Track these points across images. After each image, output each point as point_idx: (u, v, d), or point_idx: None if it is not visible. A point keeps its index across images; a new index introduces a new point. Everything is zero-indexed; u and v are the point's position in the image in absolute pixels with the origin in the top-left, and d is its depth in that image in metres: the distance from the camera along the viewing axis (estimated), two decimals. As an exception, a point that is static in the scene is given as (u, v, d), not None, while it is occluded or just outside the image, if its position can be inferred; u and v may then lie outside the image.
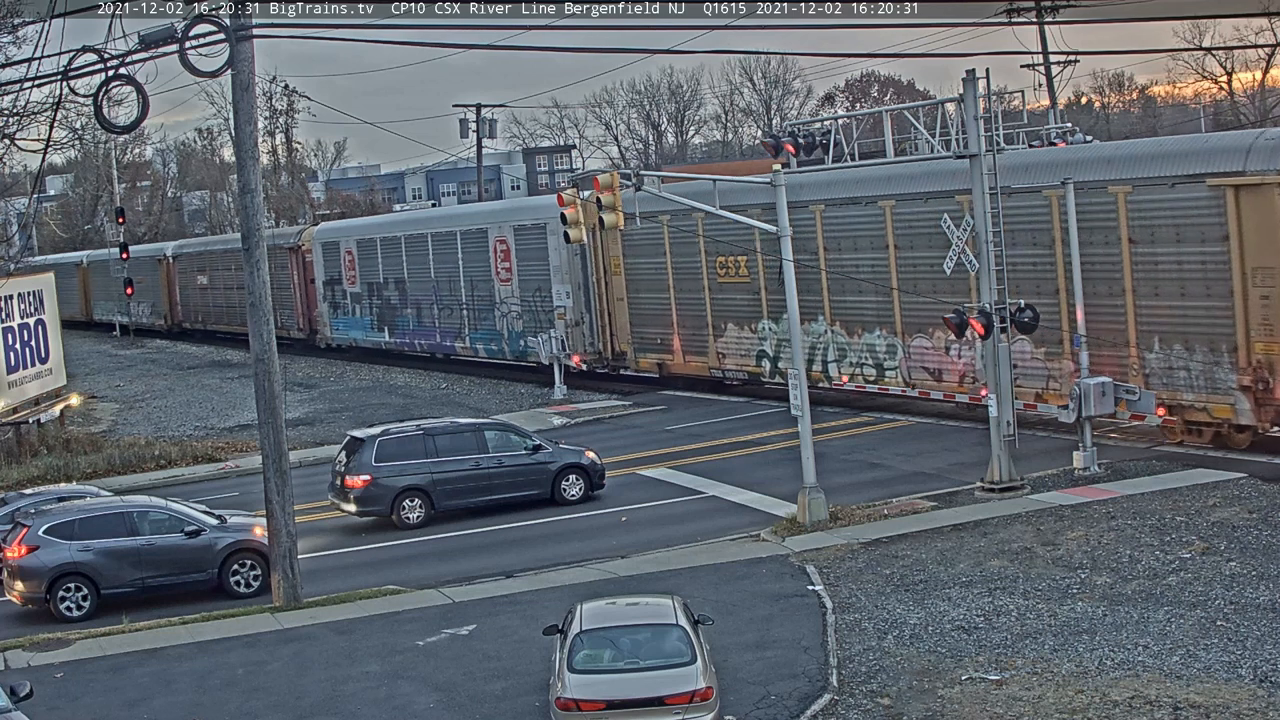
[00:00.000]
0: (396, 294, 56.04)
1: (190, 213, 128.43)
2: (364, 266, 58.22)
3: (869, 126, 30.61)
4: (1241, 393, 27.05)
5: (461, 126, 77.16)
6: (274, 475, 23.76)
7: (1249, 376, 26.87)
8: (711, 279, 40.35)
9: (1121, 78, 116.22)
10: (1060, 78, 61.74)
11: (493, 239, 49.14)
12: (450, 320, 52.71)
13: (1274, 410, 26.72)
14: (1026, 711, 16.31)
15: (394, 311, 56.35)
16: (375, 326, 57.82)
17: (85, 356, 73.96)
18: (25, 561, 24.40)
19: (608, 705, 15.73)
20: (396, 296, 56.10)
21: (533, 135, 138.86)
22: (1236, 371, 27.10)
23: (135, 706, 19.13)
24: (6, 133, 37.82)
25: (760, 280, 38.28)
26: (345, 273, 59.54)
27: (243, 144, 23.82)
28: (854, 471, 30.39)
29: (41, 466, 38.03)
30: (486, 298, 50.16)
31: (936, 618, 19.87)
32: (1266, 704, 15.89)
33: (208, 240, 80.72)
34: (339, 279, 60.01)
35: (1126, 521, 23.72)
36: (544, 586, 23.30)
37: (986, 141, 26.58)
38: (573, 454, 30.44)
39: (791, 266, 26.45)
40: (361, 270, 58.37)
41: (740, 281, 39.16)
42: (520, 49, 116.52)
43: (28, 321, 44.19)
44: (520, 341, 48.25)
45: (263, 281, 23.82)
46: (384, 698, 18.66)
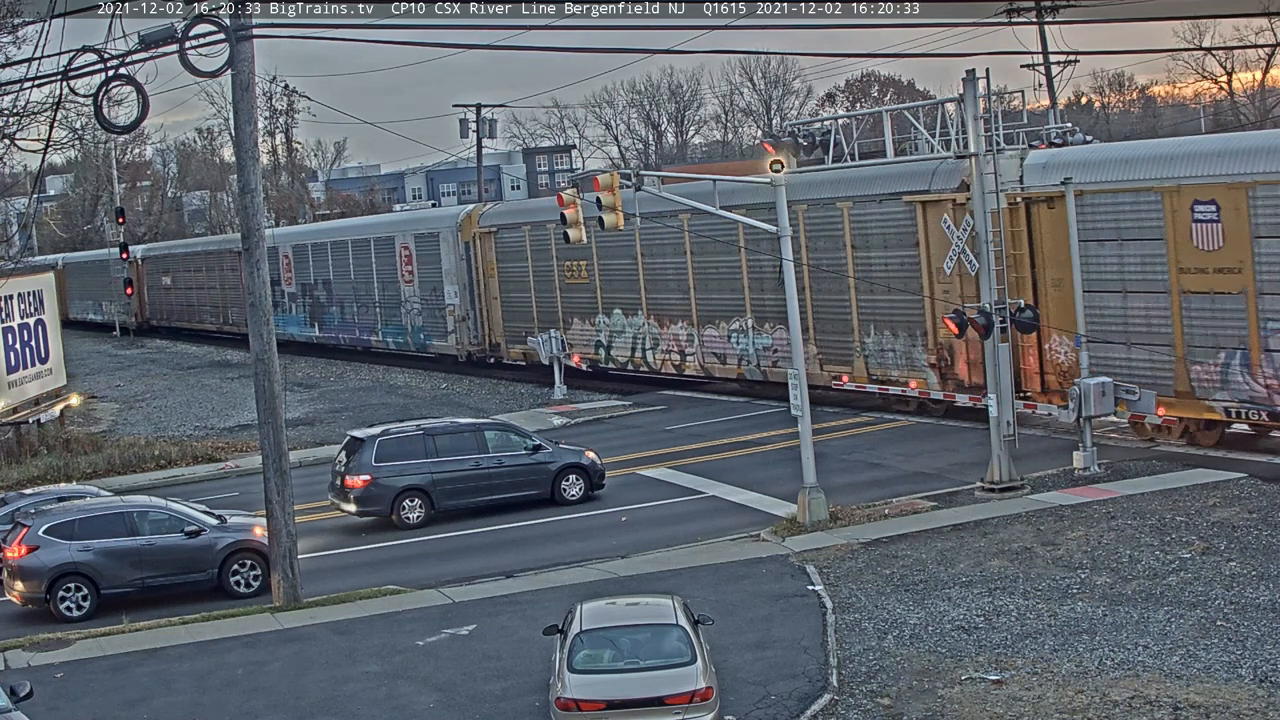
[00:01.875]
0: (325, 294, 62.86)
1: (190, 213, 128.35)
2: (299, 269, 64.89)
3: (869, 126, 30.67)
4: (931, 369, 33.45)
5: (461, 126, 77.18)
6: (274, 475, 23.76)
7: (935, 356, 33.36)
8: (561, 280, 47.08)
9: (1121, 78, 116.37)
10: (1060, 78, 61.71)
11: (399, 246, 55.52)
12: (367, 317, 59.48)
13: (955, 383, 33.06)
14: (1026, 711, 16.31)
15: (322, 309, 63.30)
16: (308, 323, 64.88)
17: (85, 356, 73.98)
18: (25, 561, 24.40)
19: (608, 705, 15.73)
20: (325, 296, 62.92)
21: (533, 135, 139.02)
22: (927, 352, 33.51)
23: (135, 706, 19.13)
24: (6, 133, 37.79)
25: (596, 281, 45.37)
26: (283, 275, 65.66)
27: (243, 144, 23.81)
28: (854, 471, 30.39)
29: (41, 466, 38.03)
30: (394, 297, 56.87)
31: (936, 618, 19.87)
32: (1266, 704, 15.90)
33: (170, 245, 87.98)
34: (278, 280, 65.66)
35: (1126, 521, 23.72)
36: (544, 586, 23.30)
37: (986, 141, 26.60)
38: (573, 454, 30.44)
39: (791, 267, 26.48)
40: (297, 273, 65.10)
41: (581, 283, 46.11)
42: (520, 49, 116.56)
43: (27, 321, 44.20)
44: (420, 335, 54.61)
45: (263, 281, 23.79)
46: (384, 698, 18.66)
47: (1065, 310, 29.34)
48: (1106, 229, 28.90)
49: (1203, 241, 27.08)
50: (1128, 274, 28.70)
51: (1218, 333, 27.11)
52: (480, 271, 51.05)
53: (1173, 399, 28.01)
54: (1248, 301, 26.36)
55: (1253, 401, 26.62)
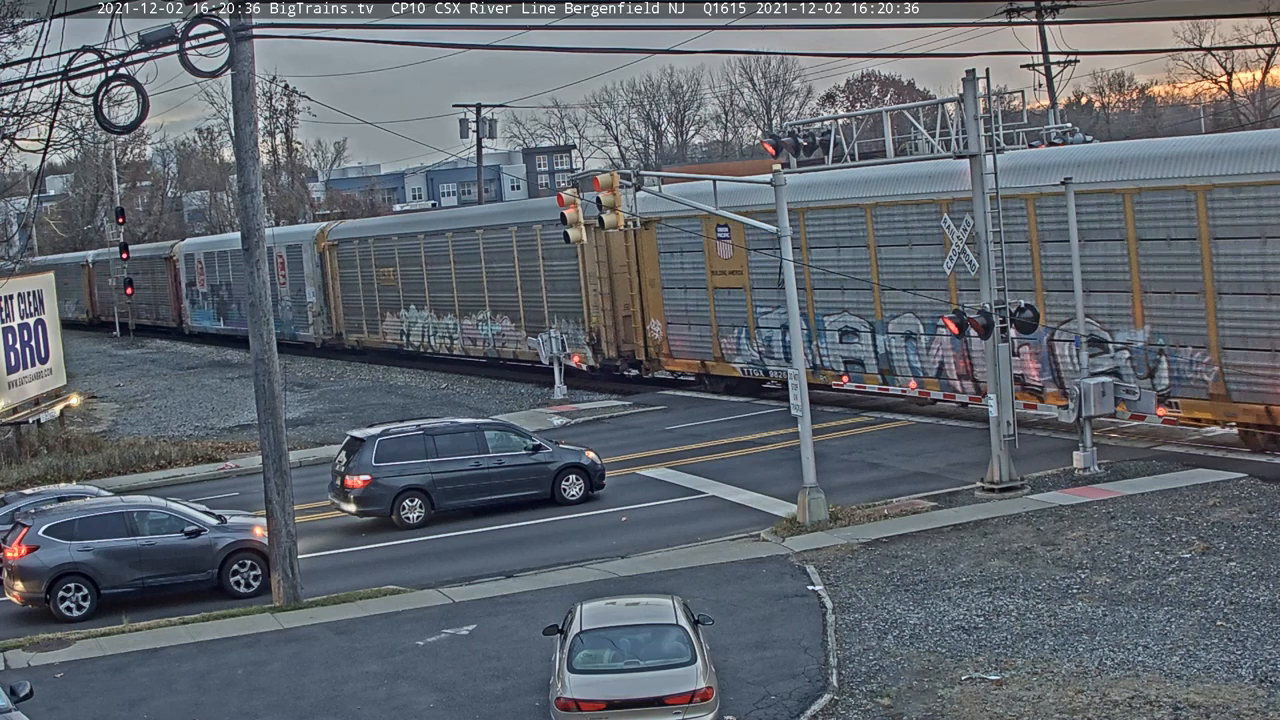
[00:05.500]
0: (227, 293, 74.93)
1: (190, 213, 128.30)
2: (209, 273, 77.93)
3: (869, 127, 30.68)
4: (589, 347, 45.98)
5: (461, 126, 77.31)
6: (274, 475, 23.76)
7: (589, 337, 45.96)
8: (380, 281, 59.24)
9: (1121, 78, 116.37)
10: (1060, 78, 61.80)
11: (275, 254, 65.21)
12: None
13: (603, 358, 45.88)
14: (1026, 711, 16.31)
15: (225, 306, 75.45)
16: (215, 317, 77.19)
17: (85, 356, 74.03)
18: (25, 561, 24.40)
19: (608, 705, 15.73)
20: (226, 294, 75.10)
21: (533, 135, 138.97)
22: (585, 334, 46.12)
23: (135, 706, 19.13)
24: (6, 133, 37.81)
25: (399, 284, 57.60)
26: (198, 277, 79.34)
27: (243, 144, 23.81)
28: (854, 471, 30.39)
29: (41, 466, 38.03)
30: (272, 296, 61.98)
31: (936, 618, 19.87)
32: (1266, 704, 15.90)
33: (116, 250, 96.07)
34: (195, 282, 79.71)
35: (1126, 521, 23.72)
36: (544, 586, 23.30)
37: (986, 142, 26.58)
38: (573, 454, 30.44)
39: (791, 267, 26.54)
40: (207, 275, 78.09)
41: (390, 285, 58.50)
42: (520, 49, 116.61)
43: (28, 321, 44.18)
44: (291, 326, 65.49)
45: (263, 281, 23.80)
46: (384, 698, 18.66)
47: (658, 301, 43.39)
48: (675, 245, 41.98)
49: (724, 253, 40.13)
50: (687, 277, 41.95)
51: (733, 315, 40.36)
52: (329, 276, 63.06)
53: (714, 362, 41.64)
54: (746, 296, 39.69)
55: (752, 364, 40.14)
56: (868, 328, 36.00)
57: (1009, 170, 28.82)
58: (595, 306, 45.70)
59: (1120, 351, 29.34)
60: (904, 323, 34.95)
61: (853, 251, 35.83)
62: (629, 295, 44.88)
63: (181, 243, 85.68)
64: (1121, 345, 29.40)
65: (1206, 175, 27.50)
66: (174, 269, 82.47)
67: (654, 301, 43.56)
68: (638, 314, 44.68)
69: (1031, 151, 34.87)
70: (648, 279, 43.73)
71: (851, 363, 36.60)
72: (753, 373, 40.38)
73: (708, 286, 41.03)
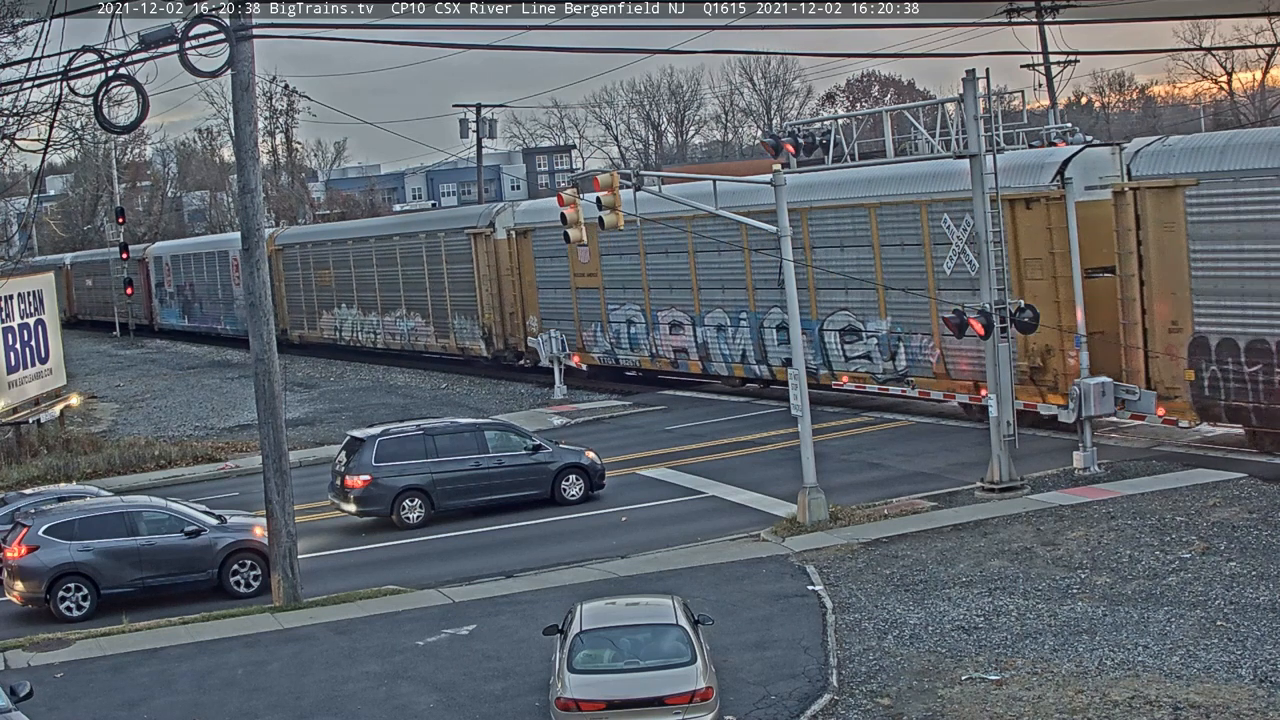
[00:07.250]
0: (190, 293, 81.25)
1: (190, 213, 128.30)
2: (175, 274, 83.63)
3: (869, 127, 30.71)
4: (483, 340, 51.81)
5: (461, 126, 77.25)
6: (274, 475, 23.76)
7: (482, 330, 51.81)
8: (318, 283, 65.19)
9: (1121, 78, 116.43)
10: (1060, 78, 61.76)
11: (231, 258, 71.08)
12: (214, 310, 77.42)
13: (494, 350, 51.88)
14: (1026, 711, 16.31)
15: (190, 304, 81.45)
16: (181, 315, 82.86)
17: (85, 356, 74.06)
18: (25, 561, 24.39)
19: (608, 705, 15.73)
20: (190, 294, 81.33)
21: (533, 135, 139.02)
22: (480, 328, 51.88)
23: (135, 706, 19.13)
24: (6, 133, 37.79)
25: (333, 284, 63.78)
26: (166, 278, 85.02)
27: (243, 144, 23.80)
28: (854, 471, 30.39)
29: (41, 466, 38.02)
30: (230, 296, 73.31)
31: (936, 618, 19.87)
32: (1266, 704, 15.90)
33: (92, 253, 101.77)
34: (164, 283, 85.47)
35: (1126, 521, 23.72)
36: (544, 586, 23.30)
37: (986, 141, 26.58)
38: (573, 454, 30.44)
39: (791, 267, 26.51)
40: (174, 276, 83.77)
41: (327, 285, 64.38)
42: (520, 49, 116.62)
43: (28, 321, 44.18)
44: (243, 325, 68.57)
45: (263, 281, 23.77)
46: (384, 698, 18.66)
47: (535, 300, 49.07)
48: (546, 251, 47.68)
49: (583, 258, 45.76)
50: (556, 279, 47.72)
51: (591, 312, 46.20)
52: (276, 278, 66.31)
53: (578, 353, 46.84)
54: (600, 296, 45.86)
55: (606, 353, 45.92)
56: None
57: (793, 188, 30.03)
58: (487, 305, 51.62)
59: (870, 339, 35.49)
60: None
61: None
62: (513, 295, 50.41)
63: (153, 246, 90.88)
64: (871, 334, 35.49)
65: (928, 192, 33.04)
66: (146, 271, 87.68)
67: (532, 300, 49.48)
68: (519, 312, 50.23)
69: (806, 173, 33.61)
70: (527, 281, 49.74)
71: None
72: (606, 361, 45.99)
73: (571, 287, 47.11)
